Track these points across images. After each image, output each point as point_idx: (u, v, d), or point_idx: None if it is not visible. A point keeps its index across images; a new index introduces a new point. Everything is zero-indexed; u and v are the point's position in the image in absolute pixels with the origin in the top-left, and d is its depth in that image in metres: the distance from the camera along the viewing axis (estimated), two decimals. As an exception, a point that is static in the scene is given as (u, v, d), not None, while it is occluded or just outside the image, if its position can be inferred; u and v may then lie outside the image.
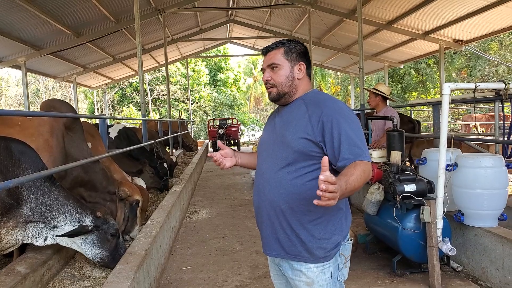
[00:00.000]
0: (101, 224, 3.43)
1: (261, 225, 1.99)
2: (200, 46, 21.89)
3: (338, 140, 1.76)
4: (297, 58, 1.95)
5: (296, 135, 1.83)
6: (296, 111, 1.91)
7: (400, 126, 4.29)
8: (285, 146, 1.86)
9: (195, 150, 15.99)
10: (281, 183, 1.86)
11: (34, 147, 3.47)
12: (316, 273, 1.83)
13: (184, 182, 7.21)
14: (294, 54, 1.95)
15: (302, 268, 1.86)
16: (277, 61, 1.93)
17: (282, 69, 1.93)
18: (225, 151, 2.13)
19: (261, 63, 2.04)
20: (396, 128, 4.12)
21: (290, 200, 1.84)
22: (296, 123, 1.86)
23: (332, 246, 1.84)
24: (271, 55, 1.96)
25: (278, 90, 1.93)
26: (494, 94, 3.84)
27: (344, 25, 13.90)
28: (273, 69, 1.94)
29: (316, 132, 1.80)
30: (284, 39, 2.03)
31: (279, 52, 1.95)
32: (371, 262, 4.21)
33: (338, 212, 1.88)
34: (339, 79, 32.99)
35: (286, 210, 1.85)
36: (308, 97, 1.94)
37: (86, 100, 31.59)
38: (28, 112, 5.06)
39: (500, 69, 23.01)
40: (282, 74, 1.92)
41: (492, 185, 3.61)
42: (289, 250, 1.87)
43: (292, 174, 1.85)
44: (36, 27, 10.55)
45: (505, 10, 9.66)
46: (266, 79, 1.96)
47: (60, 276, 3.62)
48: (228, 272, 4.17)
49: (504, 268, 3.38)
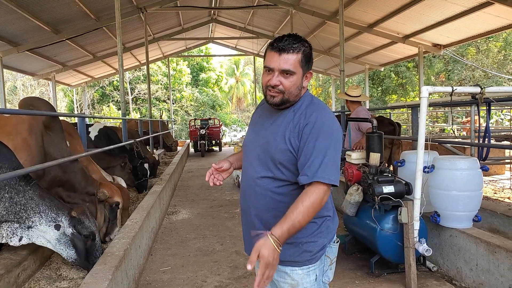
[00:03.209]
0: (77, 224, 3.38)
1: (246, 227, 1.96)
2: (182, 45, 21.75)
3: (306, 155, 1.70)
4: (308, 66, 1.80)
5: (279, 145, 1.78)
6: (284, 118, 1.82)
7: (381, 128, 4.35)
8: (269, 154, 1.81)
9: (175, 150, 15.90)
10: (266, 191, 1.83)
11: (12, 146, 3.40)
12: (301, 275, 1.83)
13: (164, 183, 7.15)
14: (307, 60, 1.78)
15: (287, 270, 1.84)
16: (293, 68, 1.73)
17: (295, 77, 1.75)
18: (221, 167, 2.03)
19: (268, 60, 1.77)
20: (375, 130, 4.17)
21: (276, 209, 1.81)
22: (282, 132, 1.79)
23: (318, 249, 1.84)
24: (287, 58, 1.73)
25: (284, 98, 1.77)
26: (471, 98, 3.93)
27: (326, 27, 14.00)
28: (286, 75, 1.74)
29: (295, 143, 1.75)
30: (300, 38, 1.78)
31: (297, 59, 1.74)
32: (350, 262, 4.25)
33: (324, 217, 1.86)
34: (321, 81, 33.22)
35: (270, 219, 1.80)
36: (298, 104, 1.83)
37: (65, 98, 31.03)
38: (5, 110, 4.95)
39: (476, 74, 23.53)
40: (294, 84, 1.76)
41: (467, 187, 3.69)
42: None
43: (277, 182, 1.81)
44: (13, 23, 10.30)
45: (482, 16, 9.87)
46: (275, 84, 1.75)
47: (36, 277, 3.55)
48: (207, 273, 4.16)
49: (477, 268, 3.45)
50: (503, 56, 23.40)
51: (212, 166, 2.02)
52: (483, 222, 4.30)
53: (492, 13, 9.60)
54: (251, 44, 19.58)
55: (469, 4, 9.54)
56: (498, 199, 6.73)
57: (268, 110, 1.93)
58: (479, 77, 23.32)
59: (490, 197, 6.82)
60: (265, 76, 1.80)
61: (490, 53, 23.42)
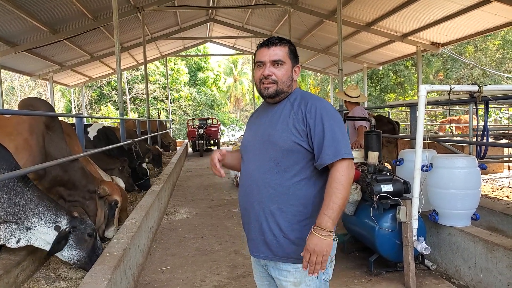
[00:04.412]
0: (78, 224, 3.38)
1: (248, 226, 1.97)
2: (180, 45, 21.74)
3: (320, 137, 1.78)
4: (295, 60, 1.95)
5: (283, 134, 1.83)
6: (281, 110, 1.91)
7: (380, 127, 4.35)
8: (272, 145, 1.86)
9: (173, 150, 15.88)
10: (269, 183, 1.85)
11: (13, 146, 3.40)
12: (303, 273, 1.84)
13: (162, 182, 7.15)
14: (294, 55, 1.95)
15: (290, 268, 1.86)
16: (282, 58, 1.89)
17: (286, 67, 1.90)
18: (221, 156, 2.06)
19: (259, 56, 1.93)
20: (373, 129, 4.17)
21: (280, 201, 1.84)
22: (282, 121, 1.86)
23: None
24: (275, 50, 1.89)
25: (278, 87, 1.89)
26: (469, 96, 3.93)
27: (324, 26, 14.01)
28: (277, 66, 1.89)
29: (300, 130, 1.82)
30: (282, 38, 1.97)
31: (285, 50, 1.91)
32: (348, 261, 4.25)
33: None
34: (319, 80, 33.25)
35: (275, 211, 1.85)
36: (293, 96, 1.94)
37: (63, 98, 30.95)
38: (2, 110, 4.94)
39: (475, 72, 23.57)
40: (285, 73, 1.89)
41: (465, 186, 3.70)
42: (277, 252, 1.87)
43: (281, 174, 1.84)
44: (11, 23, 10.29)
45: (480, 14, 9.88)
46: (268, 74, 1.89)
47: (35, 278, 3.55)
48: (206, 272, 4.16)
49: (476, 267, 3.46)
50: (501, 54, 23.45)
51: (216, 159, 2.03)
52: (481, 221, 4.30)
53: (490, 12, 9.62)
54: (249, 43, 19.58)
55: (467, 3, 9.55)
56: (496, 197, 6.73)
57: (263, 111, 2.01)
58: (477, 76, 23.36)
59: (489, 195, 6.83)
60: (257, 71, 1.94)
61: (488, 51, 23.46)
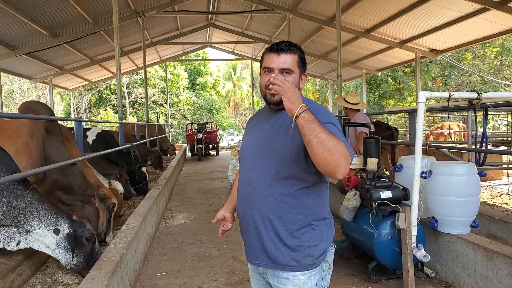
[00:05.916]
0: (77, 228, 3.36)
1: (246, 234, 1.94)
2: (180, 49, 21.77)
3: None
4: (303, 68, 1.90)
5: (285, 143, 1.80)
6: (284, 117, 1.84)
7: (379, 133, 4.35)
8: (274, 153, 1.83)
9: (172, 154, 15.86)
10: (269, 191, 1.83)
11: (13, 150, 3.39)
12: (303, 281, 1.83)
13: (160, 187, 7.13)
14: (302, 62, 1.89)
15: (289, 276, 1.84)
16: (291, 66, 1.83)
17: (294, 76, 1.84)
18: (224, 218, 2.19)
19: (267, 61, 1.85)
20: (372, 135, 4.17)
21: (279, 210, 1.82)
22: (286, 130, 1.82)
23: (320, 253, 1.85)
24: (285, 57, 1.83)
25: None
26: (467, 103, 3.93)
27: (323, 32, 14.04)
28: (285, 74, 1.82)
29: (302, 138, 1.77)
30: (295, 44, 1.91)
31: (294, 58, 1.85)
32: (347, 268, 4.23)
33: (324, 220, 1.89)
34: (318, 85, 33.29)
35: (274, 219, 1.83)
36: None
37: (62, 102, 30.97)
38: (3, 114, 4.94)
39: (473, 79, 23.62)
40: (293, 82, 1.82)
41: (464, 193, 3.69)
42: (276, 260, 1.84)
43: (281, 182, 1.82)
44: (11, 27, 10.29)
45: (479, 22, 9.92)
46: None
47: (31, 282, 3.53)
48: (204, 278, 4.13)
49: (476, 275, 3.45)
50: (500, 61, 23.53)
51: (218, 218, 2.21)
52: (481, 228, 4.30)
53: (489, 19, 9.66)
54: (248, 48, 19.62)
55: (466, 10, 9.58)
56: (495, 204, 6.73)
57: (264, 116, 1.98)
58: (476, 83, 23.41)
59: (488, 202, 6.82)
60: (264, 77, 1.86)
61: (486, 58, 23.53)
